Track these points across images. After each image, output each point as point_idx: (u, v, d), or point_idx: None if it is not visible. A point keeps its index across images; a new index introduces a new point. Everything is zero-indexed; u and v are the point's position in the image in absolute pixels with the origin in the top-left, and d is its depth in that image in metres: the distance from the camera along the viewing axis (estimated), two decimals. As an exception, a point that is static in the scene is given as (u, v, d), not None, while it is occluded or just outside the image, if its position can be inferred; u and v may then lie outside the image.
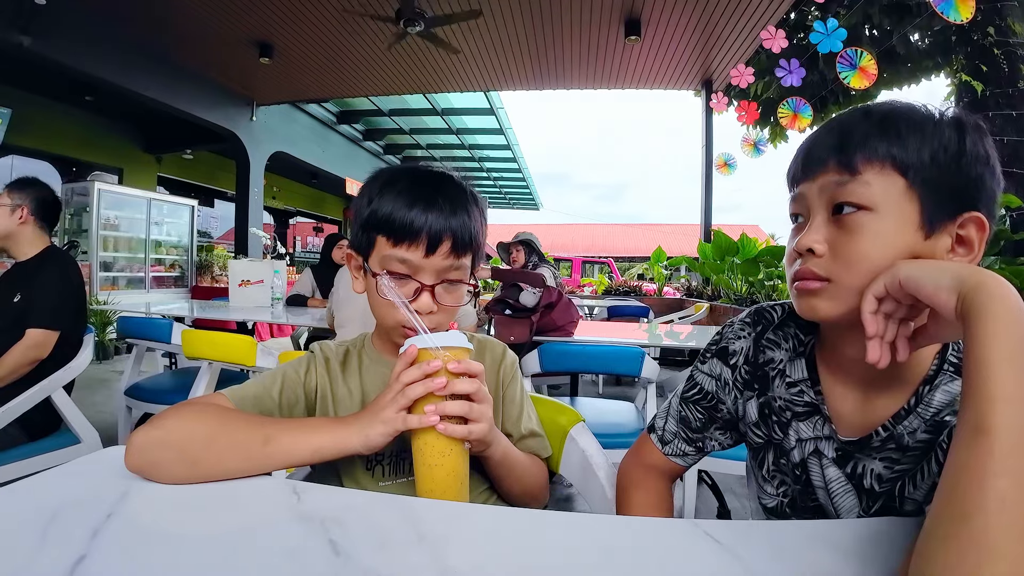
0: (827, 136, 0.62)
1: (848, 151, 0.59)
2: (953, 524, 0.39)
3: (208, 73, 7.40)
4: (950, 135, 0.58)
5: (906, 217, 0.57)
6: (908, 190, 0.57)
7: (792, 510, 0.72)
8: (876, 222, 0.57)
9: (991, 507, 0.38)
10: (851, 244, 0.58)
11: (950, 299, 0.48)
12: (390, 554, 0.49)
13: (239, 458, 0.65)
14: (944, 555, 0.38)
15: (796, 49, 5.51)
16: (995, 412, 0.40)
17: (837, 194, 0.59)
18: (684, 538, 0.54)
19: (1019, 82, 3.67)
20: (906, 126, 0.58)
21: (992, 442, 0.39)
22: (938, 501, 0.41)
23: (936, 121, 0.58)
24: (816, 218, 0.61)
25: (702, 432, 0.81)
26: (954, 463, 0.41)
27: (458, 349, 0.69)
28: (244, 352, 1.97)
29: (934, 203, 0.57)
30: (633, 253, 23.73)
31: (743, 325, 0.79)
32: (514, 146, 12.03)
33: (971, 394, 0.42)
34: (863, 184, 0.58)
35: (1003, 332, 0.43)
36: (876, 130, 0.58)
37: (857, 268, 0.57)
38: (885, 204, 0.57)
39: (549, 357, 1.96)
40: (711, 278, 6.61)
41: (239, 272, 3.88)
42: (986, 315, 0.44)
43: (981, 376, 0.42)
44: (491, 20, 5.69)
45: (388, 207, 0.75)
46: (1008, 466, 0.38)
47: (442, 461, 0.67)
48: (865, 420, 0.65)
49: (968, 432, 0.41)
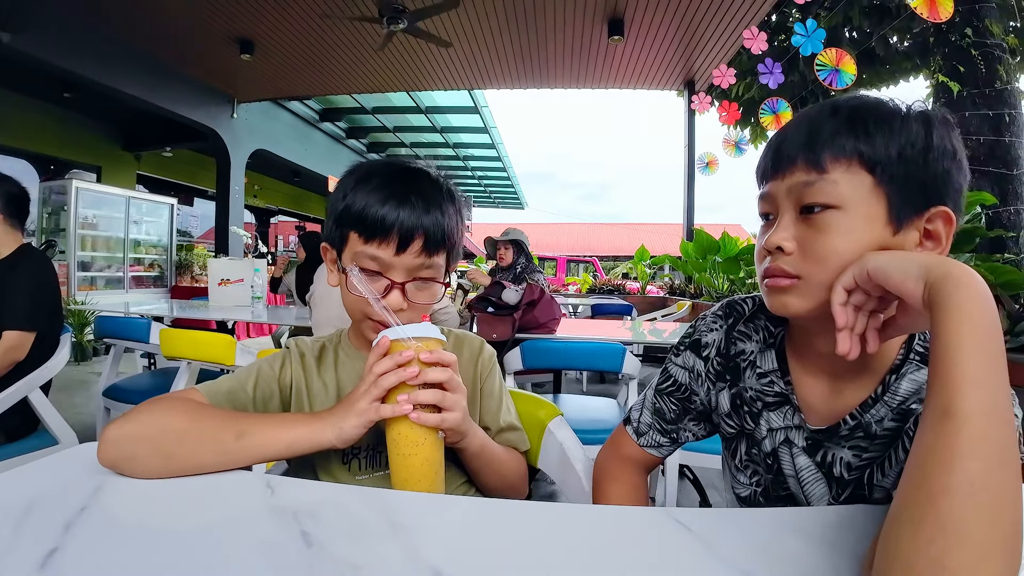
0: (795, 134, 0.62)
1: (816, 149, 0.59)
2: (920, 507, 0.39)
3: (188, 70, 7.30)
4: (917, 130, 0.58)
5: (874, 213, 0.58)
6: (876, 187, 0.58)
7: (765, 499, 0.74)
8: (844, 219, 0.58)
9: (959, 490, 0.38)
10: (820, 242, 0.59)
11: (917, 288, 0.48)
12: (363, 545, 0.49)
13: (212, 452, 0.64)
14: (911, 538, 0.39)
15: (777, 50, 5.58)
16: (963, 397, 0.41)
17: (805, 194, 0.60)
18: (656, 526, 0.54)
19: (995, 82, 3.75)
20: (874, 122, 0.58)
21: (960, 426, 0.40)
22: (905, 484, 0.42)
23: (903, 116, 0.59)
24: (785, 217, 0.62)
25: (676, 423, 0.82)
26: (921, 446, 0.42)
27: (430, 340, 0.69)
28: (223, 351, 1.95)
29: (901, 198, 0.58)
30: (617, 252, 23.86)
31: (715, 318, 0.80)
32: (499, 145, 12.02)
33: (938, 379, 0.43)
34: (830, 183, 0.58)
35: (969, 319, 0.43)
36: (844, 127, 0.59)
37: (826, 265, 0.58)
38: (853, 201, 0.58)
39: (531, 354, 1.96)
40: (693, 276, 6.67)
41: (219, 271, 3.85)
42: (953, 302, 0.44)
43: (948, 362, 0.42)
44: (475, 18, 5.68)
45: (361, 202, 0.74)
46: (976, 449, 0.39)
47: (416, 451, 0.67)
48: (833, 409, 0.66)
49: (936, 416, 0.42)
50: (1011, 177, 3.68)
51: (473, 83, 7.74)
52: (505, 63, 6.88)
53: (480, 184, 16.71)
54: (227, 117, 8.37)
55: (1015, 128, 3.74)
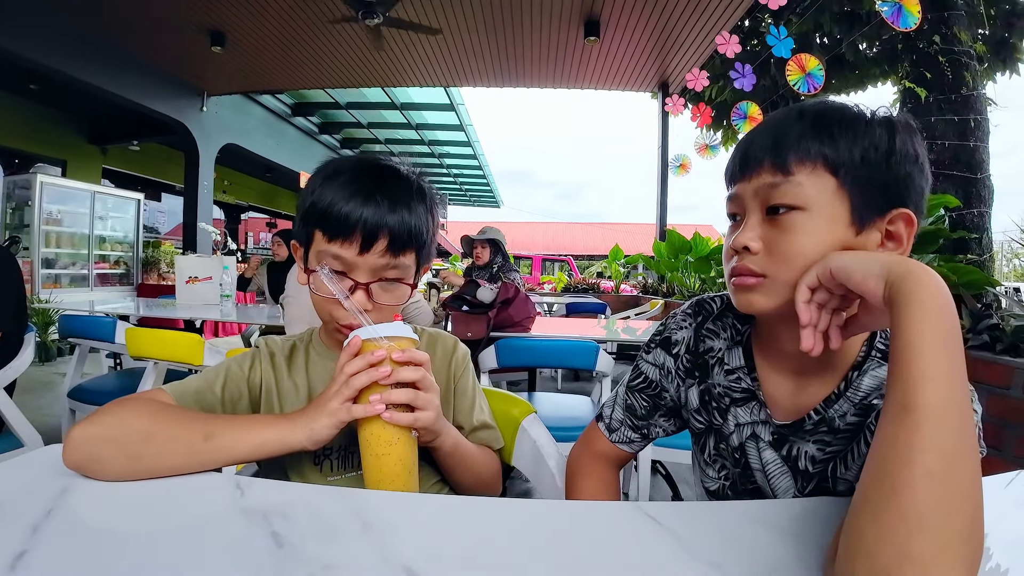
0: (762, 138, 0.64)
1: (782, 153, 0.61)
2: (882, 498, 0.41)
3: (157, 62, 7.09)
4: (880, 134, 0.60)
5: (837, 215, 0.60)
6: (839, 189, 0.60)
7: (733, 492, 0.75)
8: (808, 220, 0.60)
9: (919, 481, 0.39)
10: (785, 241, 0.60)
11: (878, 286, 0.50)
12: (334, 544, 0.48)
13: (180, 454, 0.63)
14: (874, 528, 0.40)
15: (750, 54, 5.68)
16: (922, 391, 0.42)
17: (770, 196, 0.61)
18: (626, 520, 0.55)
19: (962, 88, 3.85)
20: (838, 126, 0.60)
21: (919, 419, 0.41)
22: (866, 476, 0.43)
23: (867, 121, 0.61)
24: (751, 217, 0.64)
25: (647, 419, 0.84)
26: (882, 440, 0.43)
27: (402, 339, 0.69)
28: (191, 351, 1.91)
29: (864, 201, 0.60)
30: (592, 251, 24.03)
31: (685, 316, 0.82)
32: (475, 143, 11.98)
33: (898, 375, 0.44)
34: (795, 185, 0.60)
35: (928, 316, 0.45)
36: (809, 131, 0.61)
37: (791, 264, 0.60)
38: (817, 203, 0.60)
39: (506, 353, 1.97)
40: (666, 276, 6.75)
41: (186, 268, 3.76)
42: (913, 301, 0.46)
43: (908, 358, 0.44)
44: (451, 16, 5.66)
45: (326, 199, 0.73)
46: (935, 442, 0.40)
47: (389, 451, 0.66)
48: (798, 404, 0.68)
49: (896, 410, 0.43)
50: (975, 180, 3.80)
51: (449, 80, 7.69)
52: (481, 61, 6.86)
53: (456, 182, 16.64)
54: (196, 110, 8.17)
55: (980, 133, 3.86)
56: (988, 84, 5.49)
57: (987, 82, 5.45)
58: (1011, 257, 5.84)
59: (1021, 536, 0.57)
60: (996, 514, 0.60)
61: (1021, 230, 2.41)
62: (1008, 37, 5.57)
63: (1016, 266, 6.26)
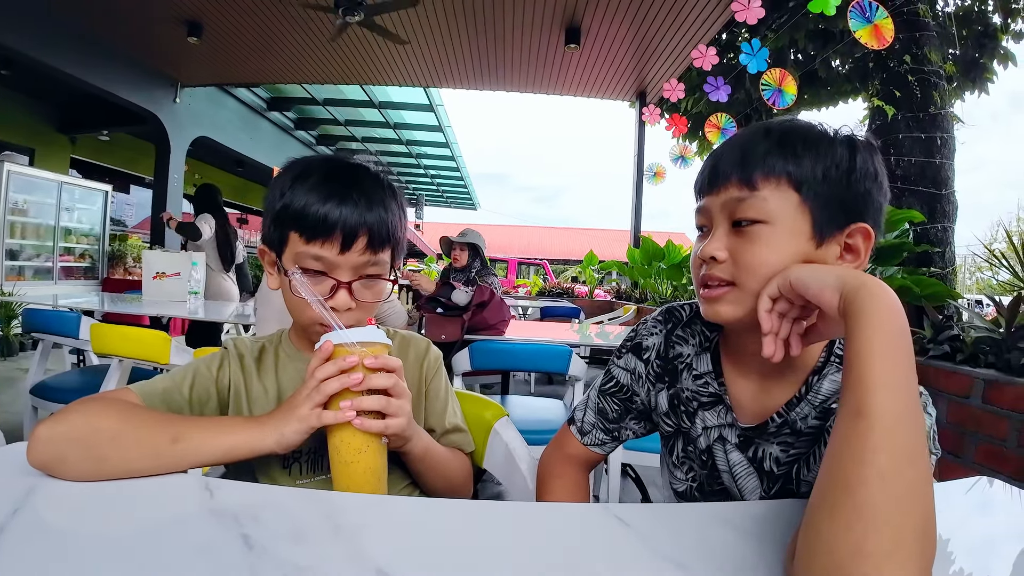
0: (729, 154, 0.66)
1: (748, 168, 0.64)
2: (838, 497, 0.43)
3: (131, 50, 6.90)
4: (842, 153, 0.63)
5: (799, 228, 0.63)
6: (801, 204, 0.63)
7: (700, 494, 0.78)
8: (772, 233, 0.63)
9: (872, 481, 0.42)
10: (749, 253, 0.63)
11: (833, 298, 0.53)
12: (305, 546, 0.48)
13: (146, 456, 0.62)
14: (831, 526, 0.42)
15: (726, 67, 5.79)
16: (873, 398, 0.44)
17: (736, 210, 0.64)
18: (594, 521, 0.56)
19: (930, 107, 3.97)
20: (802, 144, 0.63)
21: (871, 424, 0.43)
22: (823, 476, 0.46)
23: (830, 140, 0.64)
24: (718, 229, 0.66)
25: (618, 422, 0.86)
26: (837, 442, 0.46)
27: (375, 345, 0.68)
28: (157, 348, 1.86)
29: (825, 216, 0.63)
30: (567, 256, 24.14)
31: (655, 323, 0.85)
32: (453, 144, 11.95)
33: (852, 382, 0.46)
34: (760, 200, 0.63)
35: (880, 327, 0.47)
36: (775, 148, 0.64)
37: (755, 273, 0.63)
38: (780, 217, 0.63)
39: (479, 355, 1.97)
40: (639, 282, 6.84)
41: (154, 263, 3.67)
42: (866, 312, 0.49)
43: (861, 366, 0.46)
44: (432, 16, 5.64)
45: (301, 201, 0.72)
46: (886, 444, 0.43)
47: (359, 458, 0.66)
48: (762, 408, 0.71)
49: (850, 415, 0.45)
50: (940, 196, 3.92)
51: (428, 81, 7.67)
52: (461, 63, 6.86)
53: (433, 183, 16.57)
54: (169, 101, 7.97)
55: (946, 151, 3.98)
56: (957, 103, 5.70)
57: (955, 101, 5.65)
58: (974, 271, 6.05)
59: (983, 541, 0.60)
60: (958, 519, 0.64)
61: (984, 245, 2.51)
62: (979, 57, 5.78)
63: (979, 279, 6.48)
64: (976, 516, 0.67)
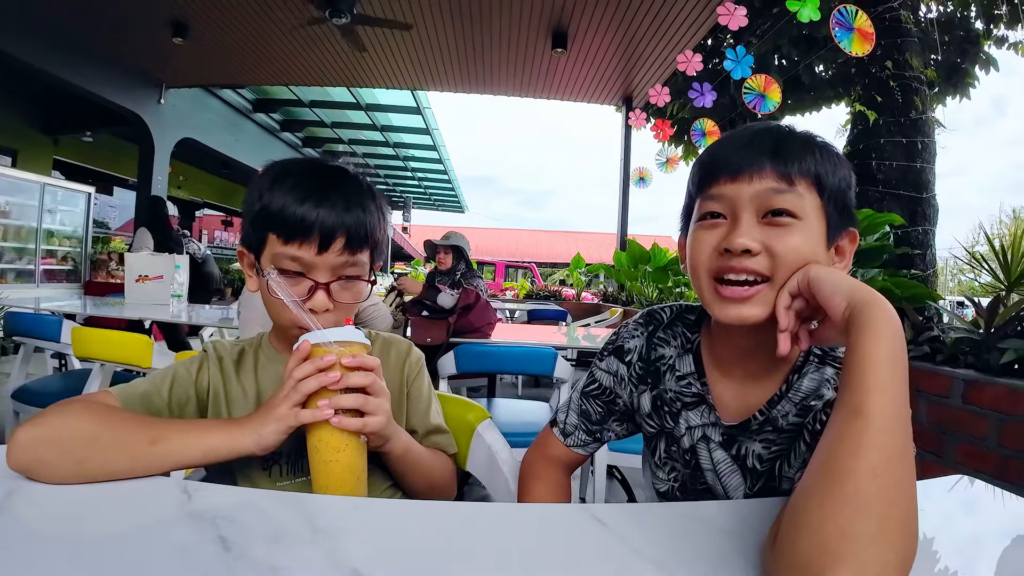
0: (760, 142, 0.65)
1: (786, 162, 0.64)
2: (829, 485, 0.45)
3: (115, 50, 6.82)
4: (848, 168, 0.67)
5: (819, 230, 0.65)
6: (822, 208, 0.65)
7: (682, 493, 0.79)
8: (804, 228, 0.63)
9: (864, 473, 0.44)
10: (787, 244, 0.62)
11: (841, 304, 0.55)
12: (283, 548, 0.48)
13: (125, 458, 0.62)
14: (819, 510, 0.44)
15: (711, 73, 5.85)
16: (872, 399, 0.47)
17: (775, 200, 0.63)
18: (572, 522, 0.57)
19: (911, 112, 4.03)
20: (822, 152, 0.66)
21: (868, 422, 0.46)
22: (814, 465, 0.48)
23: (839, 154, 0.68)
24: (745, 219, 0.64)
25: (601, 424, 0.87)
26: (832, 435, 0.48)
27: (353, 344, 0.68)
28: (138, 352, 1.85)
29: (834, 220, 0.66)
30: (556, 259, 24.20)
31: (636, 326, 0.85)
32: (440, 147, 11.95)
33: (852, 384, 0.49)
34: (798, 195, 0.63)
35: (885, 338, 0.50)
36: (806, 148, 0.65)
37: (792, 267, 0.62)
38: (809, 216, 0.64)
39: (465, 358, 1.97)
40: (626, 284, 6.87)
41: (137, 267, 3.63)
42: (873, 323, 0.51)
43: (862, 370, 0.49)
44: (419, 21, 5.65)
45: (279, 203, 0.72)
46: (880, 441, 0.45)
47: (337, 457, 0.66)
48: (745, 406, 0.73)
49: (847, 413, 0.48)
50: (921, 200, 3.99)
51: (415, 83, 7.66)
52: (449, 65, 6.86)
53: (420, 186, 16.55)
54: (154, 102, 7.89)
55: (927, 155, 4.05)
56: (938, 108, 5.81)
57: (937, 106, 5.75)
58: (957, 273, 6.14)
59: (968, 539, 0.62)
60: (943, 518, 0.65)
61: (965, 248, 2.56)
62: (960, 63, 5.89)
63: (962, 281, 6.59)
64: (957, 515, 0.69)
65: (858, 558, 0.41)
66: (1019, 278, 2.07)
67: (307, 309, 0.70)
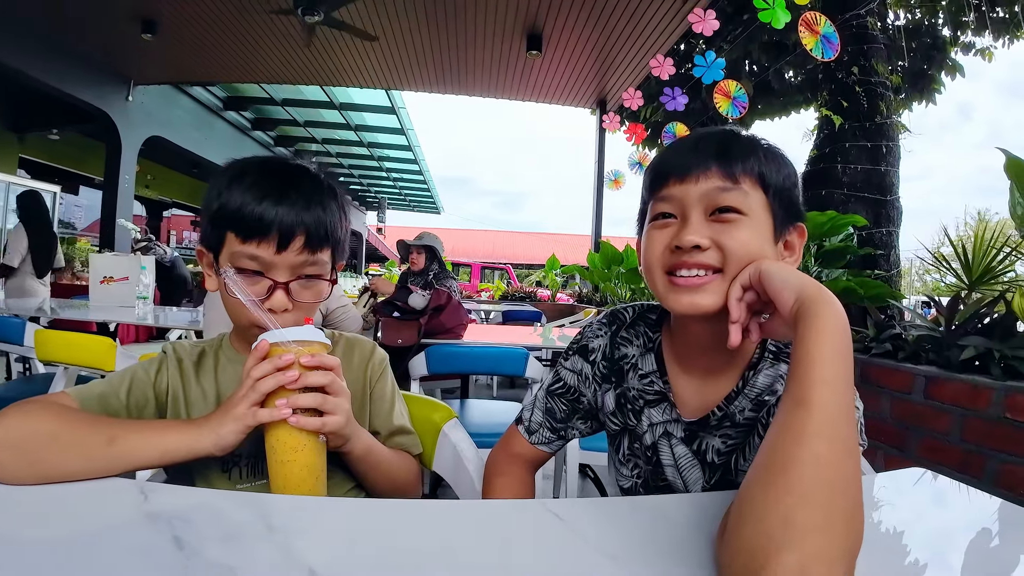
0: (706, 145, 0.69)
1: (730, 161, 0.67)
2: (774, 473, 0.46)
3: (82, 46, 6.65)
4: (791, 167, 0.71)
5: (766, 225, 0.68)
6: (767, 204, 0.68)
7: (645, 489, 0.81)
8: (750, 224, 0.66)
9: (807, 462, 0.45)
10: (734, 238, 0.65)
11: (790, 298, 0.57)
12: (238, 547, 0.48)
13: (81, 459, 0.61)
14: (763, 498, 0.45)
15: (684, 77, 5.94)
16: (816, 391, 0.48)
17: (721, 199, 0.66)
18: (529, 517, 0.58)
19: (876, 117, 4.15)
20: (766, 152, 0.69)
21: (811, 412, 0.47)
22: (760, 456, 0.49)
23: (783, 154, 0.71)
24: (694, 217, 0.67)
25: (565, 422, 0.88)
26: (777, 426, 0.49)
27: (312, 343, 0.68)
28: (102, 355, 1.80)
29: (780, 216, 0.69)
30: (531, 260, 24.26)
31: (600, 325, 0.87)
32: (416, 148, 11.88)
33: (797, 376, 0.50)
34: (743, 193, 0.67)
35: (830, 332, 0.52)
36: (749, 149, 0.68)
37: (741, 259, 0.65)
38: (755, 212, 0.67)
39: (436, 359, 1.96)
40: (600, 286, 6.92)
41: (101, 268, 3.54)
42: (818, 319, 0.53)
43: (807, 363, 0.50)
44: (394, 19, 5.62)
45: (237, 201, 0.71)
46: (823, 432, 0.46)
47: (295, 457, 0.65)
48: (704, 402, 0.75)
49: (792, 404, 0.49)
50: (884, 202, 4.10)
51: (390, 83, 7.62)
52: (424, 66, 6.84)
53: (395, 186, 16.44)
54: (122, 99, 7.70)
55: (891, 158, 4.17)
56: (904, 112, 5.98)
57: (903, 111, 5.92)
58: (923, 273, 6.32)
59: (937, 533, 0.64)
60: (913, 512, 0.68)
61: (929, 251, 2.64)
62: (927, 69, 6.07)
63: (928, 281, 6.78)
64: (933, 509, 0.71)
65: (802, 545, 0.41)
66: (980, 277, 2.14)
67: (265, 308, 0.69)
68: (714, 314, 0.65)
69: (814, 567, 0.41)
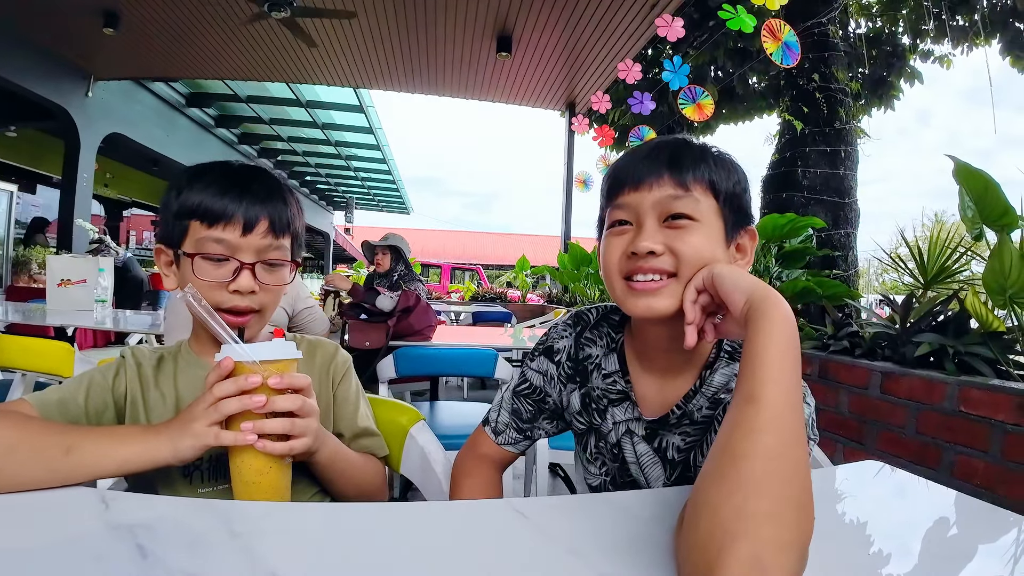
0: (657, 155, 0.72)
1: (681, 170, 0.70)
2: (725, 467, 0.48)
3: (40, 39, 6.38)
4: (741, 173, 0.74)
5: (717, 230, 0.71)
6: (719, 210, 0.71)
7: (614, 486, 0.84)
8: (702, 230, 0.69)
9: (758, 455, 0.47)
10: (687, 243, 0.68)
11: (740, 300, 0.59)
12: (201, 553, 0.48)
13: (39, 468, 0.60)
14: (717, 491, 0.47)
15: (651, 82, 6.03)
16: (765, 388, 0.51)
17: (673, 206, 0.69)
18: (493, 515, 0.59)
19: (835, 122, 4.29)
20: (716, 160, 0.72)
21: (761, 408, 0.50)
22: (714, 451, 0.51)
23: (732, 161, 0.74)
24: (648, 225, 0.70)
25: (532, 422, 0.90)
26: (729, 423, 0.51)
27: (282, 361, 0.65)
28: (59, 361, 1.75)
29: (731, 221, 0.72)
30: (502, 261, 24.27)
31: (565, 326, 0.89)
32: (384, 147, 11.75)
33: (747, 374, 0.53)
34: (694, 200, 0.69)
35: (778, 331, 0.54)
36: (699, 158, 0.71)
37: (695, 264, 0.68)
38: (706, 218, 0.70)
39: (404, 361, 1.96)
40: (569, 286, 6.98)
41: (58, 270, 3.41)
42: (767, 318, 0.55)
43: (757, 361, 0.53)
44: (363, 17, 5.56)
45: (200, 195, 0.73)
46: (773, 426, 0.49)
47: (260, 479, 0.64)
48: (664, 401, 0.78)
49: (743, 400, 0.51)
50: (843, 205, 4.25)
51: (358, 82, 7.53)
52: (392, 65, 6.79)
53: (364, 186, 16.24)
54: (80, 95, 7.40)
55: (849, 163, 4.32)
56: (864, 118, 6.18)
57: (862, 117, 6.13)
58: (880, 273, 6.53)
59: (899, 524, 0.66)
60: (875, 503, 0.71)
61: (885, 251, 2.75)
62: (886, 76, 6.29)
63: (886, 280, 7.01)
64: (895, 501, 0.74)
65: (754, 535, 0.43)
66: (936, 276, 2.23)
67: (224, 325, 0.67)
68: (670, 316, 0.68)
69: (767, 554, 0.43)
